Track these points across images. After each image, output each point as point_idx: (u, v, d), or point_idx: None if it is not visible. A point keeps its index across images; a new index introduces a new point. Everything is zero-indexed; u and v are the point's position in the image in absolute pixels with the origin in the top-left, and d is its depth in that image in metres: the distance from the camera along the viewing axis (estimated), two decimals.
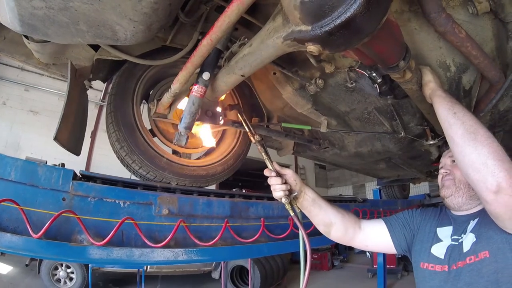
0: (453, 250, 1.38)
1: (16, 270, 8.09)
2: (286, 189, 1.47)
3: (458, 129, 1.24)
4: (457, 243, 1.39)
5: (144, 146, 2.08)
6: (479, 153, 1.14)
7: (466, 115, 1.25)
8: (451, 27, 1.46)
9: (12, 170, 1.46)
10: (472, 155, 1.16)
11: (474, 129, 1.20)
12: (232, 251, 2.04)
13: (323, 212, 1.59)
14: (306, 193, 1.56)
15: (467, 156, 1.18)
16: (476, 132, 1.18)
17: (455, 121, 1.26)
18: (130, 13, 1.21)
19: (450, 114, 1.30)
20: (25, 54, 1.89)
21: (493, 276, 1.19)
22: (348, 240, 1.65)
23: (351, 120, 2.74)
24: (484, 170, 1.12)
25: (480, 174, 1.13)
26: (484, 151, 1.13)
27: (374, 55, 1.27)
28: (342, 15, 0.89)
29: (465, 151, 1.19)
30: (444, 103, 1.36)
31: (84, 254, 1.52)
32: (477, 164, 1.14)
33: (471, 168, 1.17)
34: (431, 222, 1.58)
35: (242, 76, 1.62)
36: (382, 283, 8.27)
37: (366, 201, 3.68)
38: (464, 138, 1.20)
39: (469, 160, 1.17)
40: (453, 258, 1.36)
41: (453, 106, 1.31)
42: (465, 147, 1.19)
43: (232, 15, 1.16)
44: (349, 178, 19.04)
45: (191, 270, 8.62)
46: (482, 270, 1.23)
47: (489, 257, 1.22)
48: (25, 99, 9.99)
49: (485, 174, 1.11)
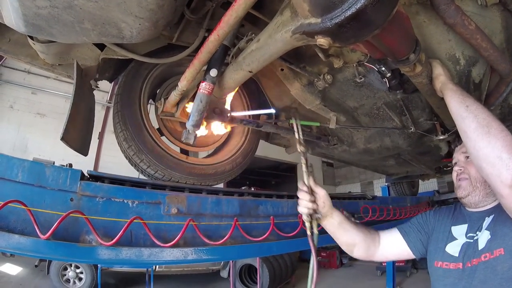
0: (468, 247, 1.36)
1: (25, 271, 8.18)
2: (311, 207, 1.47)
3: (471, 122, 1.21)
4: (472, 241, 1.37)
5: (152, 145, 2.07)
6: (493, 147, 1.12)
7: (478, 108, 1.23)
8: (461, 19, 1.43)
9: (19, 171, 1.46)
10: (486, 148, 1.14)
11: (487, 122, 1.17)
12: (242, 250, 2.03)
13: (348, 234, 1.61)
14: (333, 217, 1.56)
15: (481, 150, 1.15)
16: (490, 126, 1.16)
17: (467, 115, 1.24)
18: (135, 10, 1.20)
19: (462, 107, 1.27)
20: (30, 55, 1.89)
21: (508, 274, 1.18)
22: (370, 257, 1.67)
23: (360, 116, 2.71)
24: (498, 164, 1.09)
25: (494, 168, 1.11)
26: (498, 144, 1.11)
27: (384, 48, 1.25)
28: (353, 6, 0.88)
29: (479, 145, 1.16)
30: (455, 96, 1.34)
31: (93, 255, 1.51)
32: (491, 158, 1.12)
33: (485, 162, 1.14)
34: (445, 221, 1.57)
35: (250, 72, 1.61)
36: (391, 281, 8.24)
37: (375, 198, 3.65)
38: (477, 132, 1.18)
39: (483, 154, 1.15)
40: (467, 255, 1.34)
41: (465, 99, 1.29)
42: (479, 141, 1.16)
43: (240, 9, 1.15)
44: (357, 176, 18.94)
45: (200, 269, 8.66)
46: (497, 268, 1.21)
47: (504, 255, 1.21)
48: (32, 102, 10.10)
49: (499, 168, 1.09)
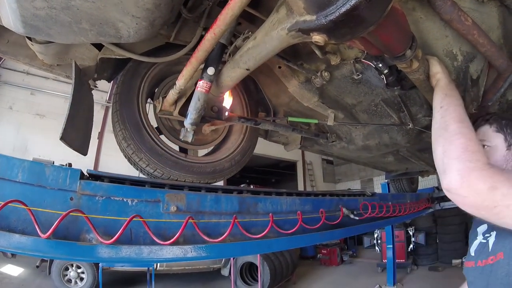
0: (481, 247, 1.35)
1: (27, 271, 8.20)
2: None
3: (435, 123, 1.27)
4: (485, 241, 1.35)
5: (151, 143, 2.07)
6: (442, 150, 1.16)
7: (450, 109, 1.25)
8: (457, 15, 1.44)
9: (19, 171, 1.46)
10: (436, 150, 1.19)
11: (446, 124, 1.20)
12: (241, 247, 2.03)
13: None
14: None
15: (435, 151, 1.20)
16: (447, 128, 1.19)
17: (436, 115, 1.28)
18: (132, 9, 1.20)
19: (437, 107, 1.31)
20: (29, 56, 1.89)
21: (506, 279, 1.15)
22: None
23: (358, 113, 2.72)
24: (440, 166, 1.14)
25: (439, 170, 1.15)
26: (445, 147, 1.15)
27: (380, 44, 1.26)
28: (347, 3, 0.89)
29: (435, 146, 1.21)
30: (438, 95, 1.37)
31: (93, 253, 1.51)
32: (438, 160, 1.17)
33: (435, 162, 1.19)
34: (475, 224, 1.51)
35: (247, 70, 1.62)
36: (391, 277, 8.27)
37: (374, 195, 3.63)
38: (436, 133, 1.23)
39: (435, 155, 1.20)
40: (480, 255, 1.33)
41: (444, 99, 1.32)
42: (433, 142, 1.22)
43: (235, 7, 1.16)
44: (356, 173, 18.97)
45: (200, 268, 8.69)
46: (497, 271, 1.20)
47: (503, 259, 1.19)
48: (31, 103, 10.13)
49: (442, 171, 1.13)
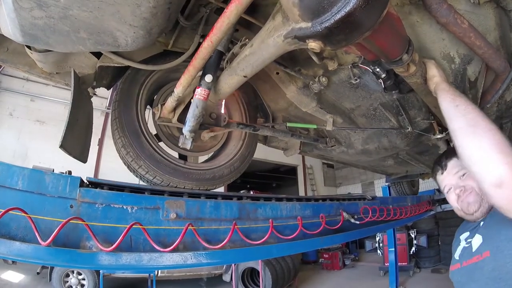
0: (465, 250, 1.43)
1: (27, 278, 8.17)
2: None
3: (459, 122, 1.24)
4: (468, 245, 1.42)
5: (150, 151, 2.07)
6: (480, 146, 1.13)
7: (468, 107, 1.24)
8: (453, 18, 1.45)
9: (19, 179, 1.46)
10: (473, 148, 1.15)
11: (475, 121, 1.19)
12: (241, 253, 2.02)
13: None
14: None
15: (468, 150, 1.17)
16: (477, 125, 1.17)
17: (456, 114, 1.26)
18: (129, 18, 1.21)
19: (452, 107, 1.29)
20: (28, 64, 1.90)
21: (492, 274, 1.22)
22: None
23: (356, 117, 2.72)
24: (485, 163, 1.11)
25: (481, 167, 1.12)
26: (483, 143, 1.12)
27: (376, 49, 1.26)
28: (342, 10, 0.89)
29: (467, 144, 1.18)
30: (446, 96, 1.36)
31: (93, 260, 1.51)
32: (477, 157, 1.13)
33: (471, 161, 1.16)
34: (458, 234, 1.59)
35: (244, 77, 1.63)
36: (394, 281, 8.26)
37: (375, 199, 3.62)
38: (464, 131, 1.20)
39: (470, 153, 1.16)
40: (464, 256, 1.41)
41: (455, 99, 1.31)
42: (466, 140, 1.18)
43: (231, 15, 1.16)
44: (357, 176, 18.96)
45: (202, 274, 8.65)
46: (484, 268, 1.26)
47: (490, 256, 1.25)
48: (31, 109, 10.15)
49: (486, 168, 1.10)
